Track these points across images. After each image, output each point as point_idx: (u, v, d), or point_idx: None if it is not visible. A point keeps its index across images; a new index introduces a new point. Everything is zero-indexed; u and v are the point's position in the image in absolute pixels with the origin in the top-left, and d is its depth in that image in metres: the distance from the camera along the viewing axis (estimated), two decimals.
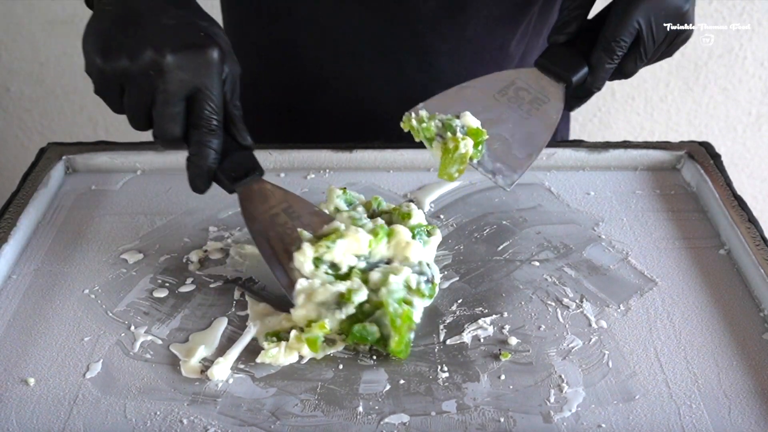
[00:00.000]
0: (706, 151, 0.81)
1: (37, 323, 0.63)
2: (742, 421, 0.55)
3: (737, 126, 1.58)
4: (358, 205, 0.72)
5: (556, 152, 0.81)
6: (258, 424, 0.55)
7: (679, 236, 0.72)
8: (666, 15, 0.65)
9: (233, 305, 0.65)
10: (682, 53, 1.49)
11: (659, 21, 0.65)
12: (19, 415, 0.55)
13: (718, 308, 0.64)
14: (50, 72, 1.53)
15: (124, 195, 0.78)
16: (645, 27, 0.65)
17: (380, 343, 0.59)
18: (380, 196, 0.72)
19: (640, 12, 0.64)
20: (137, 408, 0.56)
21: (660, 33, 0.66)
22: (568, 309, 0.64)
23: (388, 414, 0.56)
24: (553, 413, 0.55)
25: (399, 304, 0.59)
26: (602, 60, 0.66)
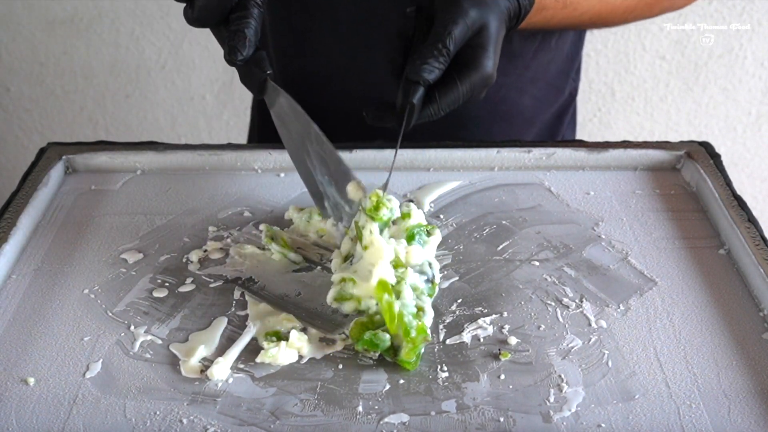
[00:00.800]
0: (706, 151, 0.81)
1: (37, 323, 0.63)
2: (742, 420, 0.55)
3: (737, 126, 1.58)
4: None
5: (556, 152, 0.81)
6: (258, 423, 0.55)
7: (678, 236, 0.72)
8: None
9: (233, 305, 0.65)
10: (683, 53, 1.49)
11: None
12: (19, 414, 0.55)
13: (718, 308, 0.64)
14: (50, 72, 1.53)
15: (124, 195, 0.78)
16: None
17: (389, 352, 0.59)
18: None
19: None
20: (137, 408, 0.56)
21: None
22: (568, 309, 0.65)
23: (387, 414, 0.56)
24: (552, 413, 0.55)
25: (414, 317, 0.59)
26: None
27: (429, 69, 0.63)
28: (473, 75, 0.64)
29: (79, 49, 1.50)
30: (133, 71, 1.51)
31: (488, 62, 0.65)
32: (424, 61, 0.63)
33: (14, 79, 1.54)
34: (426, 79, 0.63)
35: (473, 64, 0.65)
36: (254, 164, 0.81)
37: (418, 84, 0.63)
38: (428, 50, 0.63)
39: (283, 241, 0.70)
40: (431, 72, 0.63)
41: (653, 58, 1.50)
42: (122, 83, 1.52)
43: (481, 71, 0.65)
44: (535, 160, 0.81)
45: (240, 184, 0.80)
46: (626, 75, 1.52)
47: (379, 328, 0.60)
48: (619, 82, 1.53)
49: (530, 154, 0.81)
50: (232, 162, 0.81)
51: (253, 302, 0.65)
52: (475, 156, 0.81)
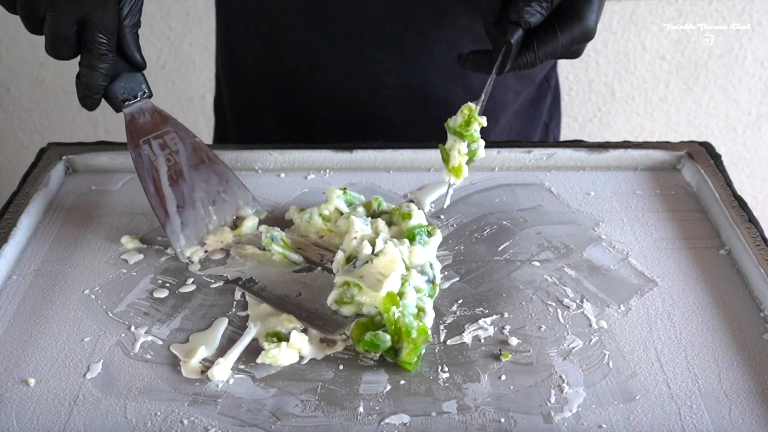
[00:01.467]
0: (706, 151, 0.81)
1: (38, 323, 0.63)
2: (743, 421, 0.55)
3: (737, 126, 1.58)
4: (358, 206, 0.72)
5: (556, 152, 0.81)
6: (258, 424, 0.55)
7: (679, 236, 0.72)
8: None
9: (233, 305, 0.65)
10: (683, 53, 1.49)
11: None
12: (20, 415, 0.55)
13: (719, 308, 0.64)
14: (50, 72, 1.53)
15: (124, 195, 0.78)
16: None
17: (390, 353, 0.59)
18: (380, 197, 0.72)
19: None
20: (137, 408, 0.56)
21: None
22: (569, 309, 0.64)
23: (388, 414, 0.56)
24: (553, 413, 0.55)
25: (414, 318, 0.59)
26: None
27: (531, 12, 0.62)
28: (575, 26, 0.64)
29: None
30: None
31: (592, 15, 0.64)
32: (526, 3, 0.62)
33: (14, 79, 1.54)
34: (527, 20, 0.62)
35: (576, 15, 0.64)
36: (254, 164, 0.81)
37: (518, 25, 0.62)
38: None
39: (284, 242, 0.69)
40: (533, 15, 0.62)
41: (653, 58, 1.50)
42: None
43: (583, 23, 0.64)
44: (535, 161, 0.81)
45: None
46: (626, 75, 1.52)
47: (380, 329, 0.60)
48: (619, 82, 1.53)
49: (530, 154, 0.81)
50: (232, 162, 0.81)
51: (254, 303, 0.65)
52: None
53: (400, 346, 0.59)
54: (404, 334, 0.58)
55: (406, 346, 0.58)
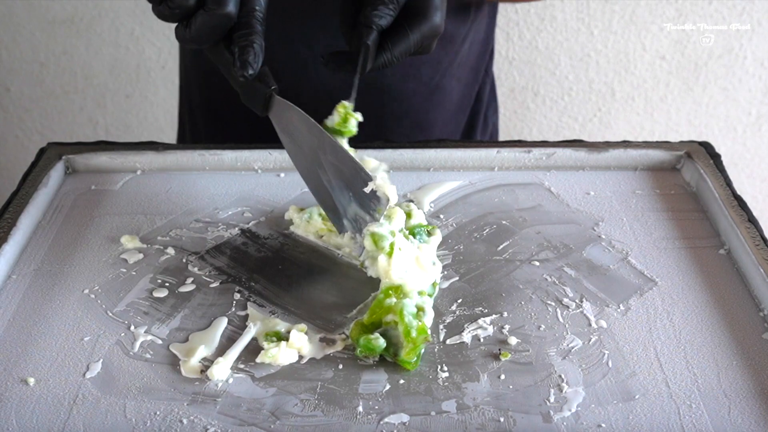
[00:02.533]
0: (706, 151, 0.81)
1: (37, 323, 0.63)
2: (742, 421, 0.55)
3: (737, 126, 1.58)
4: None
5: (555, 152, 0.81)
6: (258, 423, 0.55)
7: (679, 236, 0.72)
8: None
9: (233, 305, 0.65)
10: (683, 53, 1.49)
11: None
12: (19, 414, 0.55)
13: (718, 308, 0.64)
14: (50, 72, 1.53)
15: (124, 195, 0.78)
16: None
17: (390, 352, 0.59)
18: None
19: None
20: (137, 408, 0.56)
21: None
22: (568, 309, 0.64)
23: (387, 414, 0.56)
24: (552, 413, 0.55)
25: (414, 317, 0.59)
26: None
27: (380, 14, 0.66)
28: (423, 25, 0.67)
29: (79, 49, 1.50)
30: (133, 71, 1.51)
31: (436, 12, 0.68)
32: (374, 7, 0.66)
33: (14, 79, 1.54)
34: (378, 23, 0.66)
35: (422, 14, 0.68)
36: (254, 164, 0.81)
37: (371, 28, 0.66)
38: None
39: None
40: (382, 17, 0.66)
41: (653, 58, 1.50)
42: (122, 83, 1.52)
43: (430, 21, 0.67)
44: (535, 160, 0.81)
45: (240, 184, 0.80)
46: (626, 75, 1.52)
47: (377, 330, 0.60)
48: (619, 82, 1.52)
49: (530, 154, 0.81)
50: (232, 162, 0.81)
51: (253, 302, 0.65)
52: (475, 156, 0.81)
53: (399, 345, 0.59)
54: (404, 333, 0.58)
55: (405, 345, 0.58)
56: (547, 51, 1.46)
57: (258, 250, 0.71)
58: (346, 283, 0.67)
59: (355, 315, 0.64)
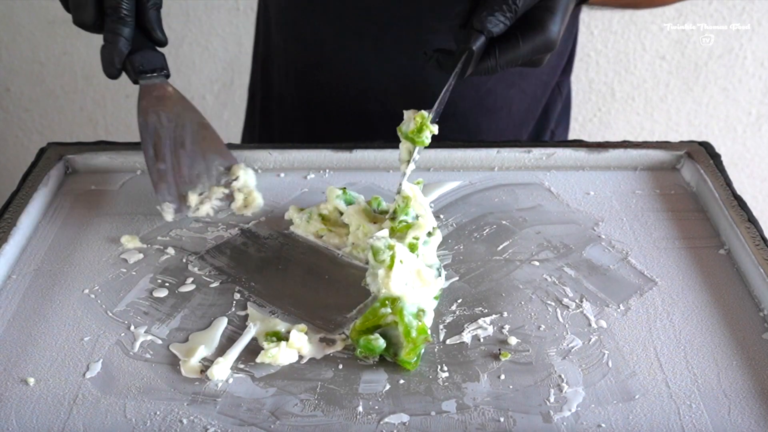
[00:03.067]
0: (706, 151, 0.81)
1: (37, 323, 0.63)
2: (742, 420, 0.55)
3: (737, 126, 1.58)
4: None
5: (555, 152, 0.81)
6: (258, 423, 0.55)
7: (679, 236, 0.72)
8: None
9: (233, 305, 0.65)
10: (683, 53, 1.49)
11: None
12: (19, 414, 0.55)
13: (718, 308, 0.64)
14: (50, 72, 1.53)
15: (124, 195, 0.78)
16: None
17: (389, 352, 0.59)
18: (380, 197, 0.72)
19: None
20: (137, 408, 0.56)
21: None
22: (568, 309, 0.65)
23: (387, 414, 0.56)
24: (552, 413, 0.55)
25: (414, 318, 0.59)
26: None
27: (494, 21, 0.63)
28: (537, 37, 0.64)
29: (79, 49, 1.50)
30: None
31: (554, 26, 0.64)
32: (490, 12, 0.63)
33: (14, 79, 1.54)
34: (489, 30, 0.63)
35: (539, 25, 0.64)
36: (254, 164, 0.81)
37: (480, 33, 0.63)
38: (497, 3, 0.63)
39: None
40: (496, 24, 0.63)
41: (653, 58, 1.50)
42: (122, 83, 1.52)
43: (545, 34, 0.64)
44: (535, 160, 0.81)
45: None
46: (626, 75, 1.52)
47: (377, 330, 0.60)
48: (619, 82, 1.53)
49: (530, 154, 0.81)
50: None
51: (253, 302, 0.65)
52: (475, 156, 0.81)
53: (399, 345, 0.59)
54: (404, 334, 0.58)
55: (405, 345, 0.58)
56: None
57: (258, 250, 0.71)
58: (346, 283, 0.67)
59: (355, 315, 0.64)
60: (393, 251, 0.62)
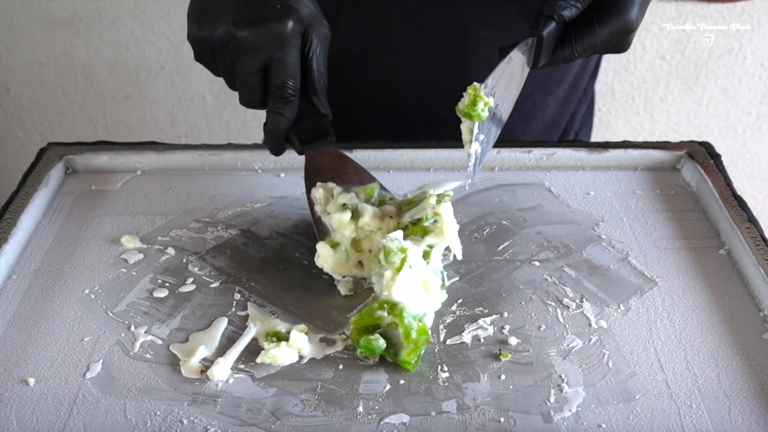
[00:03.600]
0: (706, 151, 0.81)
1: (37, 323, 0.63)
2: (742, 421, 0.55)
3: (737, 126, 1.58)
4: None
5: (556, 152, 0.81)
6: (258, 424, 0.55)
7: (679, 236, 0.72)
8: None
9: (233, 305, 0.65)
10: (683, 53, 1.49)
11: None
12: (19, 415, 0.55)
13: (718, 308, 0.64)
14: (50, 72, 1.53)
15: (124, 195, 0.78)
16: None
17: (390, 353, 0.59)
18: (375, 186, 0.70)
19: None
20: (137, 408, 0.56)
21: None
22: (568, 309, 0.64)
23: (388, 414, 0.56)
24: (553, 413, 0.55)
25: (414, 319, 0.59)
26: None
27: (565, 5, 0.60)
28: (614, 20, 0.61)
29: (79, 49, 1.50)
30: (133, 71, 1.51)
31: (632, 8, 0.61)
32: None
33: (14, 79, 1.54)
34: (560, 14, 0.61)
35: (615, 7, 0.61)
36: (254, 164, 0.81)
37: (550, 18, 0.61)
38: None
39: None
40: (568, 8, 0.60)
41: (653, 58, 1.50)
42: (122, 83, 1.52)
43: (623, 17, 0.61)
44: (535, 160, 0.81)
45: (240, 184, 0.80)
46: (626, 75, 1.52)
47: (377, 330, 0.60)
48: (619, 82, 1.53)
49: (530, 154, 0.81)
50: (232, 162, 0.81)
51: (254, 303, 0.65)
52: None
53: (399, 345, 0.59)
54: (404, 335, 0.58)
55: (406, 346, 0.58)
56: None
57: (258, 250, 0.71)
58: None
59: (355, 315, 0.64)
60: (405, 255, 0.61)
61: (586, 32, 0.62)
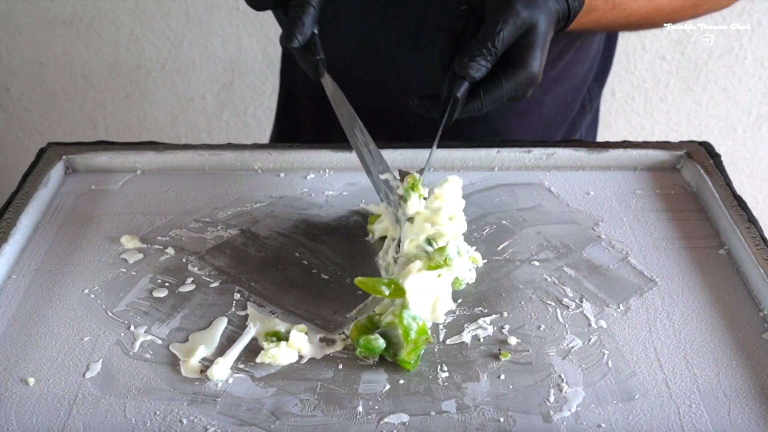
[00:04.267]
0: (706, 151, 0.81)
1: (37, 323, 0.63)
2: (742, 421, 0.55)
3: (737, 126, 1.58)
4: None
5: (555, 152, 0.81)
6: (258, 423, 0.55)
7: (679, 236, 0.72)
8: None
9: (233, 305, 0.65)
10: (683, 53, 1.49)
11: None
12: (19, 414, 0.55)
13: (718, 308, 0.64)
14: (50, 72, 1.53)
15: (124, 195, 0.78)
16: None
17: (389, 352, 0.59)
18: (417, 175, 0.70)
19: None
20: (137, 408, 0.56)
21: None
22: (568, 309, 0.65)
23: (387, 414, 0.56)
24: (552, 413, 0.55)
25: (413, 319, 0.59)
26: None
27: (476, 67, 0.64)
28: (519, 74, 0.65)
29: (79, 49, 1.50)
30: (133, 71, 1.51)
31: (534, 62, 0.65)
32: (471, 58, 0.64)
33: (14, 79, 1.54)
34: (472, 76, 0.64)
35: (519, 63, 0.65)
36: (254, 164, 0.81)
37: (463, 79, 0.64)
38: (477, 48, 0.64)
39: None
40: (478, 70, 0.64)
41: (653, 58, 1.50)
42: (122, 83, 1.52)
43: (526, 71, 0.65)
44: (535, 160, 0.81)
45: (240, 184, 0.80)
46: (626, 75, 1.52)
47: (377, 330, 0.60)
48: (619, 82, 1.53)
49: (530, 154, 0.81)
50: (232, 162, 0.81)
51: (253, 302, 0.65)
52: (475, 156, 0.81)
53: (399, 345, 0.59)
54: (404, 335, 0.58)
55: (405, 346, 0.58)
56: None
57: (258, 250, 0.71)
58: (346, 283, 0.67)
59: (355, 315, 0.64)
60: (444, 263, 0.62)
61: (494, 87, 0.65)
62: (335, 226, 0.74)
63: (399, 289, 0.60)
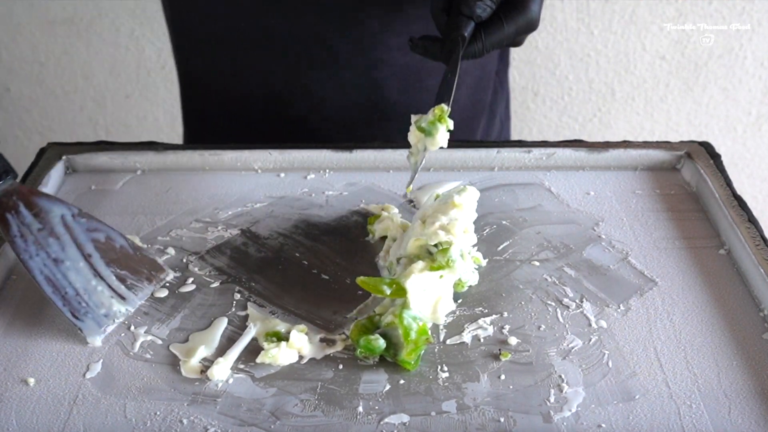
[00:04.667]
0: (706, 151, 0.81)
1: (37, 323, 0.63)
2: (742, 421, 0.55)
3: (737, 126, 1.58)
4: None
5: (556, 152, 0.81)
6: (258, 424, 0.55)
7: (679, 236, 0.72)
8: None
9: (233, 305, 0.65)
10: (683, 53, 1.49)
11: None
12: (19, 415, 0.55)
13: (718, 308, 0.64)
14: (50, 72, 1.53)
15: (124, 195, 0.78)
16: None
17: (390, 352, 0.59)
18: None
19: None
20: (137, 408, 0.56)
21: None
22: (568, 309, 0.64)
23: (388, 414, 0.56)
24: (553, 413, 0.55)
25: (413, 319, 0.59)
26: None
27: (482, 6, 0.66)
28: (519, 17, 0.67)
29: (79, 49, 1.50)
30: (133, 71, 1.51)
31: (534, 6, 0.68)
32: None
33: (14, 79, 1.54)
34: (479, 15, 0.66)
35: (521, 6, 0.67)
36: (254, 164, 0.81)
37: (470, 19, 0.66)
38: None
39: None
40: (484, 9, 0.66)
41: (653, 58, 1.50)
42: (122, 83, 1.52)
43: (527, 15, 0.68)
44: (535, 160, 0.81)
45: (240, 184, 0.80)
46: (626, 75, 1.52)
47: (377, 330, 0.60)
48: (619, 82, 1.52)
49: (530, 154, 0.81)
50: (232, 162, 0.81)
51: (254, 303, 0.65)
52: (475, 156, 0.81)
53: (399, 345, 0.59)
54: (404, 335, 0.58)
55: (405, 346, 0.58)
56: (547, 51, 1.46)
57: (258, 250, 0.71)
58: (346, 283, 0.67)
59: (355, 315, 0.64)
60: (446, 265, 0.62)
61: (496, 29, 0.68)
62: (335, 226, 0.74)
63: (400, 288, 0.60)
